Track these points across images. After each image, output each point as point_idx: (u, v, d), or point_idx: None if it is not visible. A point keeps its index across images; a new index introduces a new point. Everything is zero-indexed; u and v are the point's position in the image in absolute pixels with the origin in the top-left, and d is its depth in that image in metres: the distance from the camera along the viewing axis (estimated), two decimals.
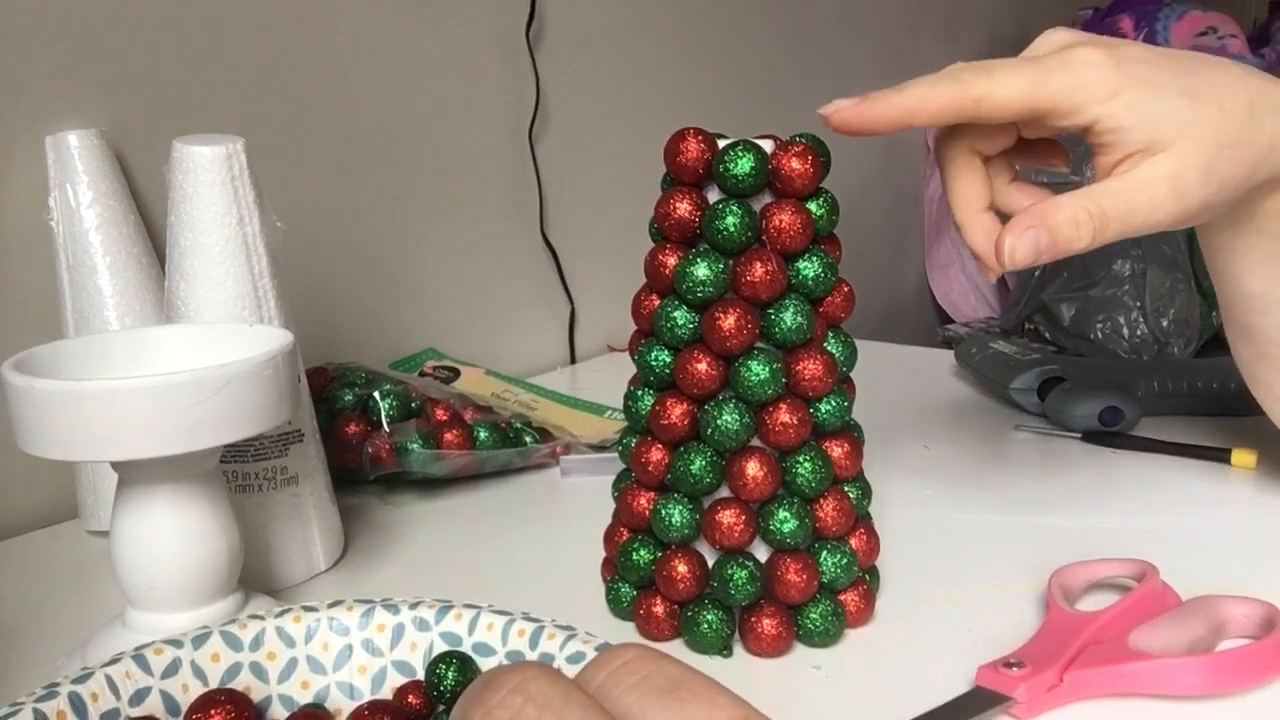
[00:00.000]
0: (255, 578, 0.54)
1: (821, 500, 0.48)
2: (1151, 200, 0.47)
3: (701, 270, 0.46)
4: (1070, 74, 0.47)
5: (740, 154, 0.46)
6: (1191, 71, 0.49)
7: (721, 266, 0.46)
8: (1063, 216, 0.47)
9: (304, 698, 0.34)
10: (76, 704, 0.30)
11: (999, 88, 0.47)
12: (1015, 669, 0.43)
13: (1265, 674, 0.44)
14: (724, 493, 0.48)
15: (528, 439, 0.72)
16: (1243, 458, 0.68)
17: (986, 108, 0.48)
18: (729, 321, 0.45)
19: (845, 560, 0.48)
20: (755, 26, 1.24)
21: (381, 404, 0.68)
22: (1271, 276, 0.55)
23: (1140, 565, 0.51)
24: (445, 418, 0.69)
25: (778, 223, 0.46)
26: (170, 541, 0.45)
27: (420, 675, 0.35)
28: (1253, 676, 0.43)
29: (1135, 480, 0.68)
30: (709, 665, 0.48)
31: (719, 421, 0.46)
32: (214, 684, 0.33)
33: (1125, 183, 0.48)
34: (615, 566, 0.51)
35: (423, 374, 0.86)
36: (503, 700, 0.18)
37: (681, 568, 0.47)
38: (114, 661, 0.32)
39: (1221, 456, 0.69)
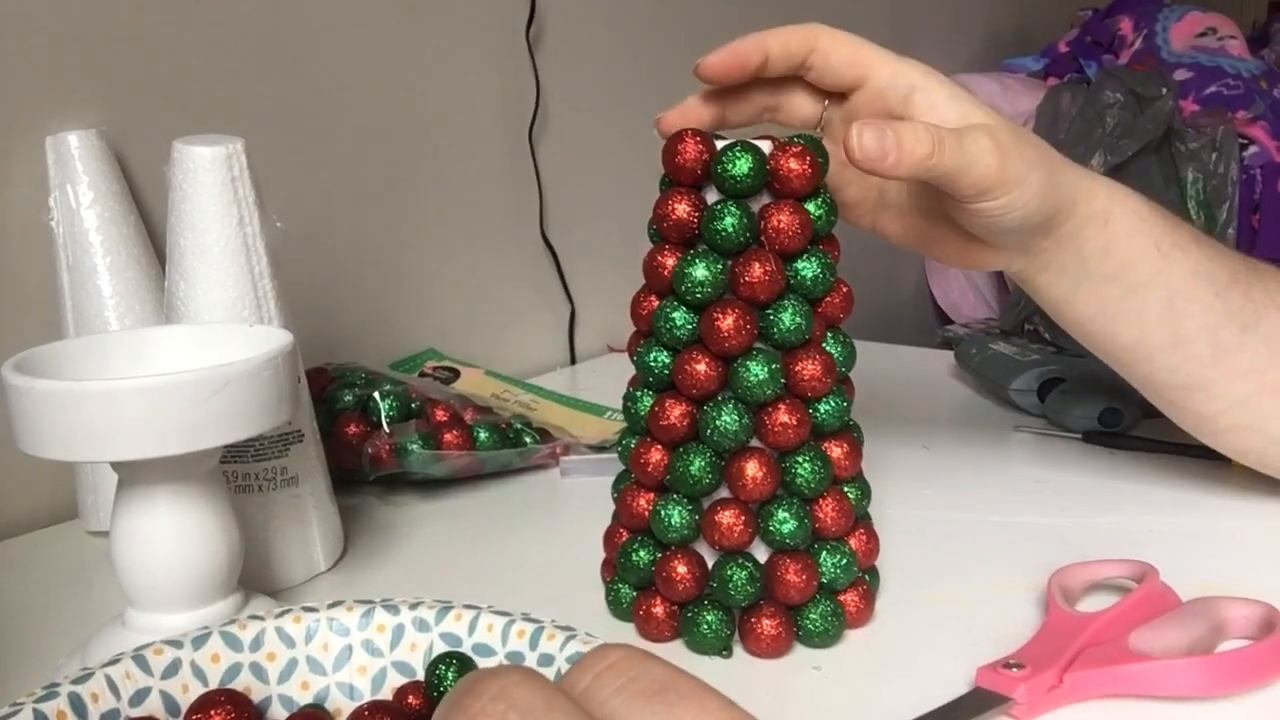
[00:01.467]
0: (255, 578, 0.54)
1: (821, 501, 0.48)
2: (978, 146, 0.50)
3: (700, 271, 0.46)
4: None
5: (738, 155, 0.46)
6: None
7: (720, 267, 0.46)
8: (906, 125, 0.50)
9: (304, 698, 0.34)
10: (76, 704, 0.30)
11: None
12: (1015, 670, 0.43)
13: (1265, 675, 0.44)
14: (723, 493, 0.48)
15: (528, 439, 0.72)
16: None
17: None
18: (728, 322, 0.45)
19: (845, 561, 0.48)
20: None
21: (381, 404, 0.68)
22: (1133, 322, 0.56)
23: (1140, 566, 0.51)
24: (445, 418, 0.69)
25: (776, 223, 0.46)
26: (170, 542, 0.45)
27: (420, 676, 0.34)
28: (1253, 677, 0.43)
29: (1135, 481, 0.68)
30: (709, 666, 0.48)
31: (718, 422, 0.46)
32: (214, 684, 0.33)
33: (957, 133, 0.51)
34: (615, 567, 0.51)
35: (423, 374, 0.86)
36: (485, 708, 0.18)
37: (681, 568, 0.47)
38: (114, 662, 0.32)
39: (1222, 457, 0.69)
